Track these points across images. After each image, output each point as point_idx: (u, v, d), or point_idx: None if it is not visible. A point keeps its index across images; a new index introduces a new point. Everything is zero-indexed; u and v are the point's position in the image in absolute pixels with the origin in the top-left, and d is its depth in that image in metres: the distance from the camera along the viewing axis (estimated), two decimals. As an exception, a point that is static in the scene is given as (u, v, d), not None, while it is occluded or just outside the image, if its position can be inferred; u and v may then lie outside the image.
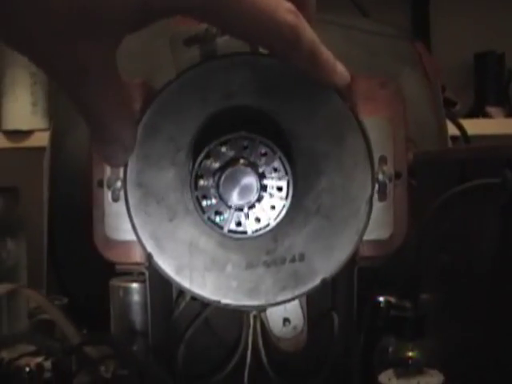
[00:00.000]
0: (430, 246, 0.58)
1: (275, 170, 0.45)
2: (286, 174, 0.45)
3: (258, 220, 0.47)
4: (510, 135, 1.29)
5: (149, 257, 0.52)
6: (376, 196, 0.53)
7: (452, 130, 0.93)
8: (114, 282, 0.61)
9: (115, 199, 0.55)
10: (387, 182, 0.54)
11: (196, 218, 0.51)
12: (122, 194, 0.54)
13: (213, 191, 0.46)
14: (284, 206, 0.46)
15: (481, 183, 0.49)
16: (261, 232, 0.48)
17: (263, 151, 0.45)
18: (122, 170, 0.53)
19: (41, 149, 1.16)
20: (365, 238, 0.53)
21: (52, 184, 0.88)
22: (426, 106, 0.86)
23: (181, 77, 0.51)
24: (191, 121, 0.50)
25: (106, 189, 0.55)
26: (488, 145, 0.50)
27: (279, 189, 0.46)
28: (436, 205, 0.52)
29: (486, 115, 1.36)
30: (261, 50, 0.51)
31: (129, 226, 0.53)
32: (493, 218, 0.51)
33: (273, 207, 0.47)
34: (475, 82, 1.43)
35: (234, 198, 0.45)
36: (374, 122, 0.54)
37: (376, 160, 0.53)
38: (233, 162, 0.45)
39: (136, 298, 0.61)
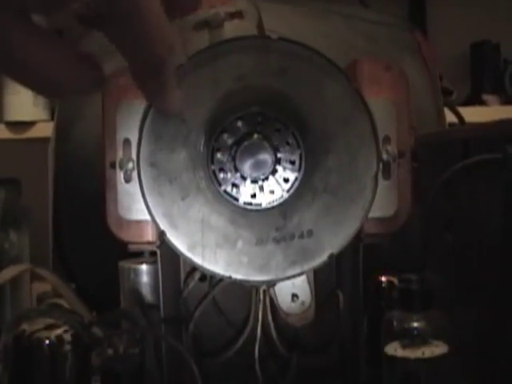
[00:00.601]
0: (434, 224, 0.60)
1: (288, 143, 0.47)
2: (299, 147, 0.47)
3: (271, 192, 0.49)
4: (506, 122, 1.32)
5: (162, 235, 0.54)
6: (380, 175, 0.55)
7: (450, 117, 0.95)
8: (124, 264, 0.63)
9: (127, 180, 0.56)
10: (391, 161, 0.56)
11: (207, 197, 0.52)
12: (133, 174, 0.56)
13: (229, 165, 0.48)
14: (297, 178, 0.48)
15: (483, 158, 0.50)
16: (274, 204, 0.50)
17: (277, 127, 0.47)
18: (134, 152, 0.55)
19: (43, 140, 1.18)
20: (370, 215, 0.55)
21: (58, 174, 0.89)
22: (426, 93, 0.88)
23: (192, 60, 0.52)
24: (203, 103, 0.52)
25: (118, 170, 0.56)
26: (489, 122, 0.52)
27: (292, 162, 0.48)
28: (440, 181, 0.54)
29: (482, 103, 1.39)
30: (269, 33, 0.53)
31: (141, 205, 0.55)
32: (496, 194, 0.52)
33: (286, 180, 0.49)
34: (472, 71, 1.46)
35: (250, 170, 0.47)
36: (379, 104, 0.56)
37: (380, 140, 0.55)
38: (248, 136, 0.46)
39: (145, 279, 0.62)
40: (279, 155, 0.47)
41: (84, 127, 0.85)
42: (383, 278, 0.63)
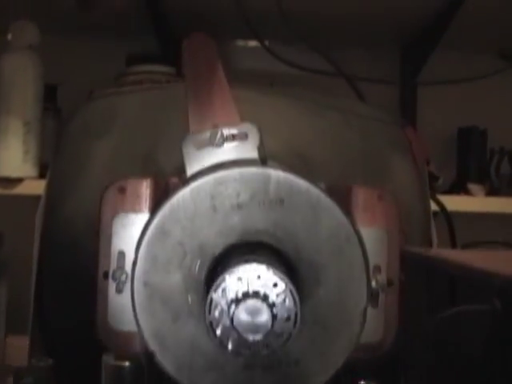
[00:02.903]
0: (414, 346, 0.61)
1: (284, 301, 0.48)
2: (295, 305, 0.48)
3: (267, 346, 0.50)
4: (489, 213, 1.33)
5: (152, 355, 0.54)
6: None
7: (433, 205, 0.96)
8: (108, 360, 0.63)
9: (119, 291, 0.57)
10: (380, 290, 0.57)
11: (199, 320, 0.53)
12: (126, 286, 0.56)
13: (226, 320, 0.48)
14: (291, 334, 0.49)
15: (470, 309, 0.51)
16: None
17: (274, 282, 0.48)
18: (128, 264, 0.56)
19: (30, 197, 1.18)
20: (356, 341, 0.55)
21: (44, 251, 0.88)
22: (414, 192, 0.89)
23: (192, 184, 0.53)
24: (200, 228, 0.53)
25: (110, 281, 0.57)
26: (480, 268, 0.53)
27: (287, 318, 0.49)
28: (423, 327, 0.55)
29: (467, 192, 1.40)
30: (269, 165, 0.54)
31: (131, 317, 0.55)
32: (481, 329, 0.53)
33: (280, 334, 0.50)
34: (458, 158, 1.48)
35: (247, 333, 0.47)
36: (371, 233, 0.57)
37: (370, 269, 0.56)
38: (245, 296, 0.47)
39: (129, 377, 0.62)
40: (275, 311, 0.48)
41: (74, 204, 0.86)
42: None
